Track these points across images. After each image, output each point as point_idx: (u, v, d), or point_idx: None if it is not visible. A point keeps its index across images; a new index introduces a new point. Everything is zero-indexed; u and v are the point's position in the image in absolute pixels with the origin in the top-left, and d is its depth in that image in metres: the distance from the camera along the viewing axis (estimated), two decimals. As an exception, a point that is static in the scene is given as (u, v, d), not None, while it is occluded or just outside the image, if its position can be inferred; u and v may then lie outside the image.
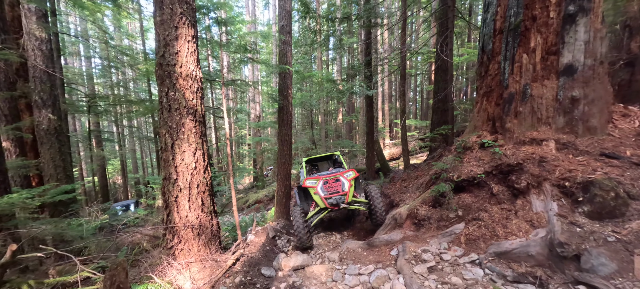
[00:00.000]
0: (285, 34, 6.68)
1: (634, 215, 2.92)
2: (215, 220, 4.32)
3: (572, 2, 3.75)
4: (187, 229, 3.86)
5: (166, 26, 3.89)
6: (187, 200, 3.92)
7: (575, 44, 3.78)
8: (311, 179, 5.16)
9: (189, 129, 4.01)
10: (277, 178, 7.11)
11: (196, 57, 4.22)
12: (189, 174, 3.95)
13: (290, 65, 6.84)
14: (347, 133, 24.50)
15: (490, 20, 4.58)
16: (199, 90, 4.23)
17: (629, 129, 3.89)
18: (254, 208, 11.14)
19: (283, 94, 6.88)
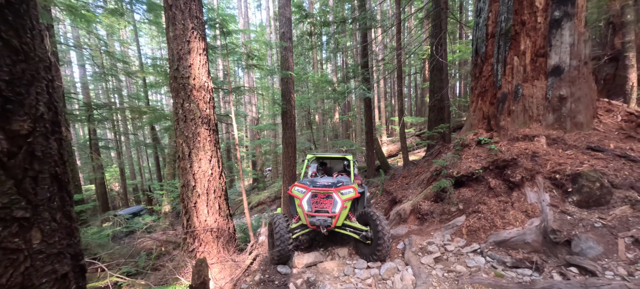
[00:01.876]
0: (286, 40, 6.90)
1: (617, 202, 3.25)
2: (231, 223, 4.55)
3: (558, 7, 4.07)
4: (206, 233, 4.08)
5: (179, 41, 4.09)
6: (206, 205, 4.13)
7: (561, 46, 4.10)
8: (300, 187, 4.20)
9: (204, 138, 4.22)
10: (283, 180, 7.35)
11: (207, 69, 4.42)
12: (206, 181, 4.16)
13: (291, 71, 7.07)
14: (344, 132, 24.80)
15: (483, 24, 4.88)
16: (211, 100, 4.44)
17: (612, 123, 4.23)
18: (259, 210, 11.35)
19: (286, 98, 7.10)
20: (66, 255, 0.67)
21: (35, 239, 0.59)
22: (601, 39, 7.09)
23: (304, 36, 12.64)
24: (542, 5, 4.15)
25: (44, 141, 0.64)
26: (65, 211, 0.70)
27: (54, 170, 0.67)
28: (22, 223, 0.57)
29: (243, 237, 5.85)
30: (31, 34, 0.64)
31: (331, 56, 23.03)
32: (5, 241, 0.55)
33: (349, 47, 18.31)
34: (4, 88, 0.56)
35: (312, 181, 4.40)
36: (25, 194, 0.58)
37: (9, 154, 0.57)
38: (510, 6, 4.38)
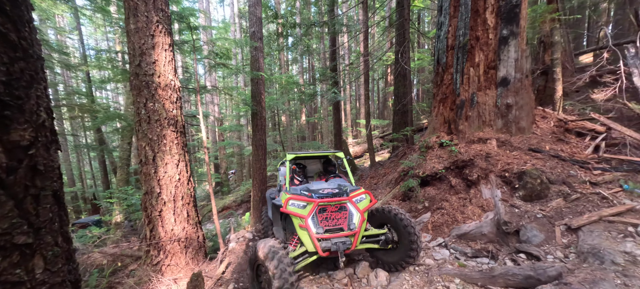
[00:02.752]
0: (256, 40, 6.73)
1: (554, 196, 3.81)
2: (201, 231, 4.28)
3: (505, 27, 4.65)
4: (173, 243, 3.78)
5: (142, 34, 3.74)
6: (172, 213, 3.83)
7: (508, 60, 4.69)
8: (298, 200, 3.12)
9: (171, 141, 3.91)
10: (253, 183, 7.13)
11: (174, 66, 4.11)
12: (173, 187, 3.86)
13: (262, 71, 6.92)
14: (310, 133, 24.94)
15: (444, 37, 5.34)
16: (179, 100, 4.14)
17: (547, 128, 4.96)
18: (224, 215, 10.83)
19: (256, 99, 6.92)
20: (67, 284, 0.57)
21: (38, 269, 0.49)
22: (534, 55, 8.26)
23: (271, 37, 12.45)
24: (493, 24, 4.71)
25: (46, 152, 0.54)
26: (64, 233, 0.60)
27: (54, 186, 0.57)
28: (23, 251, 0.48)
29: (212, 245, 5.54)
30: (28, 27, 0.54)
31: (298, 58, 23.03)
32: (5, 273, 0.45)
33: (316, 49, 18.51)
34: (2, 91, 0.46)
35: (309, 189, 3.34)
36: (27, 216, 0.48)
37: (8, 169, 0.47)
38: (467, 22, 4.88)
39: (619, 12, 11.59)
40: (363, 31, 9.13)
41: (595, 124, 4.92)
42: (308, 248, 3.02)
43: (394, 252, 3.38)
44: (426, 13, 18.84)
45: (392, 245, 3.36)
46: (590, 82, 7.04)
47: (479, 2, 4.75)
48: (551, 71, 6.48)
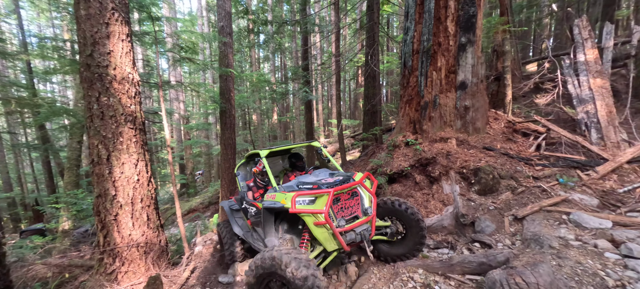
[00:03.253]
0: (225, 35, 6.50)
1: (503, 189, 4.22)
2: (162, 235, 4.03)
3: (464, 35, 5.03)
4: (131, 249, 3.51)
5: (94, 22, 3.42)
6: (130, 217, 3.56)
7: (466, 66, 5.08)
8: (306, 195, 2.74)
9: (129, 138, 3.63)
10: (221, 184, 6.89)
11: (132, 58, 3.82)
12: (130, 188, 3.58)
13: (232, 68, 6.71)
14: (282, 133, 24.69)
15: (410, 41, 5.63)
16: (138, 95, 3.86)
17: (498, 128, 5.46)
18: (191, 217, 10.30)
19: (225, 96, 6.69)
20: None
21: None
22: (489, 63, 9.04)
23: (242, 33, 12.10)
24: (453, 31, 5.07)
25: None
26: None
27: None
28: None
29: (176, 249, 5.24)
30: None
31: (269, 56, 22.66)
32: None
33: (288, 48, 18.36)
34: None
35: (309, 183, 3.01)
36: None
37: None
38: (430, 29, 5.19)
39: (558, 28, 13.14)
40: (335, 32, 9.26)
41: (537, 125, 5.53)
42: (327, 246, 2.74)
43: (399, 244, 3.33)
44: (395, 18, 19.66)
45: (399, 236, 3.33)
46: (534, 88, 7.89)
47: (441, 10, 5.08)
48: (503, 77, 7.14)
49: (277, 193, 2.96)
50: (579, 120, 5.17)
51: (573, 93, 5.46)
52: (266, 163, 3.37)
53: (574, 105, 5.41)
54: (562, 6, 12.75)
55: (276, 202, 2.91)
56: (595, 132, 4.88)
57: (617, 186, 3.92)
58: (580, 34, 5.70)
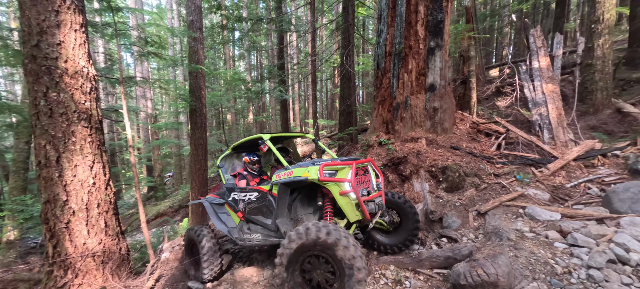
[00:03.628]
0: (195, 30, 6.21)
1: (468, 186, 4.46)
2: (123, 243, 3.75)
3: (432, 39, 5.26)
4: (86, 259, 3.21)
5: (41, 9, 3.08)
6: (85, 224, 3.26)
7: (435, 69, 5.31)
8: (332, 166, 2.78)
9: (82, 138, 3.32)
10: (191, 186, 6.58)
11: (87, 50, 3.51)
12: (85, 193, 3.28)
13: (202, 64, 6.43)
14: (258, 133, 24.13)
15: (382, 44, 5.77)
16: (94, 90, 3.55)
17: (464, 129, 5.77)
18: (159, 222, 9.74)
19: (195, 95, 6.40)
20: None
21: None
22: (456, 67, 9.56)
23: (215, 28, 11.66)
24: (423, 36, 5.28)
25: None
26: None
27: None
28: None
29: (140, 257, 4.90)
30: None
31: (245, 54, 22.11)
32: None
33: (264, 47, 18.05)
34: None
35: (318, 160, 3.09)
36: None
37: None
38: (402, 32, 5.36)
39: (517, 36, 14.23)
40: (310, 32, 9.26)
41: (498, 126, 5.94)
42: (351, 217, 2.77)
43: (394, 234, 3.51)
44: (370, 20, 20.12)
45: (394, 225, 3.50)
46: (496, 91, 8.47)
47: (412, 15, 5.26)
48: (468, 81, 7.57)
49: (295, 168, 2.91)
50: (534, 121, 5.63)
51: (529, 97, 5.93)
52: (272, 145, 3.30)
53: (529, 108, 5.88)
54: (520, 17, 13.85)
55: (297, 177, 2.84)
56: (547, 132, 5.34)
57: (565, 182, 4.32)
58: (535, 43, 6.21)
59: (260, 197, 3.31)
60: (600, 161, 4.57)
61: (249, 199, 3.41)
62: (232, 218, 3.67)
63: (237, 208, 3.52)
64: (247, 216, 3.46)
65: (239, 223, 3.53)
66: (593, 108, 6.00)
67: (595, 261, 2.55)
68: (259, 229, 3.33)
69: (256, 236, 3.31)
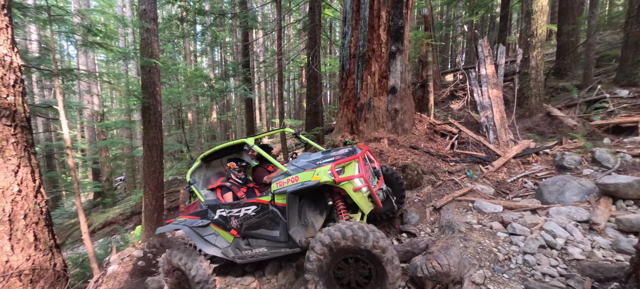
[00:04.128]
0: (148, 20, 5.72)
1: (426, 183, 4.75)
2: (58, 257, 3.29)
3: (394, 43, 5.50)
4: (10, 280, 2.75)
5: (-55, -17, 2.57)
6: (8, 238, 2.79)
7: (396, 72, 5.57)
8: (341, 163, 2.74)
9: (4, 138, 2.84)
10: (145, 190, 6.04)
11: (10, 36, 3.02)
12: (7, 202, 2.81)
13: (157, 58, 5.94)
14: (223, 133, 23.20)
15: (347, 46, 5.89)
16: (19, 83, 3.07)
17: (422, 129, 6.14)
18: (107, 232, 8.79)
19: (149, 91, 5.89)
20: None
21: None
22: (416, 71, 10.15)
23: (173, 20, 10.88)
24: (385, 40, 5.50)
25: None
26: None
27: None
28: None
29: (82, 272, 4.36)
30: None
31: (208, 49, 21.02)
32: None
33: (229, 43, 17.33)
34: None
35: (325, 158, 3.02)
36: None
37: None
38: (365, 35, 5.53)
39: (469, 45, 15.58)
40: (277, 30, 9.11)
41: (452, 127, 6.43)
42: (365, 210, 2.76)
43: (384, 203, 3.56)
44: (337, 22, 20.47)
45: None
46: (450, 95, 9.17)
47: (374, 19, 5.45)
48: (426, 85, 8.08)
49: (300, 173, 2.72)
50: (482, 123, 6.20)
51: (477, 100, 6.52)
52: (261, 150, 3.05)
53: (478, 110, 6.46)
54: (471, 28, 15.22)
55: (306, 182, 2.66)
56: (492, 133, 5.92)
57: (506, 177, 4.82)
58: (483, 52, 6.85)
59: (260, 210, 2.99)
60: (534, 159, 5.19)
61: (246, 215, 3.04)
62: (222, 237, 3.28)
63: (229, 226, 3.16)
64: (245, 233, 3.15)
65: (233, 241, 3.23)
66: (528, 112, 6.80)
67: (529, 247, 2.87)
68: (263, 243, 3.07)
69: (260, 250, 3.05)
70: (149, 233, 5.95)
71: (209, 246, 3.20)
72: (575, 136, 5.34)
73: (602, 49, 9.44)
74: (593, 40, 7.74)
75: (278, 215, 2.89)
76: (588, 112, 6.13)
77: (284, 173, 2.84)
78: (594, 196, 3.59)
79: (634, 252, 1.98)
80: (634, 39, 5.89)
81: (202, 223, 3.27)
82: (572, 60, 8.91)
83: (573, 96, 6.94)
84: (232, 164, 3.46)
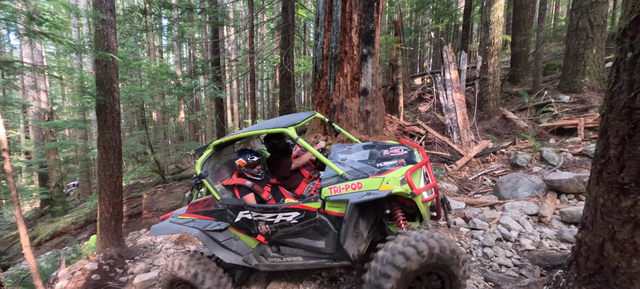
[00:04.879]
0: (104, 11, 5.24)
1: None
2: (-10, 275, 2.87)
3: (365, 46, 5.62)
4: None
5: None
6: None
7: (367, 75, 5.69)
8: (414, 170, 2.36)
9: None
10: (100, 196, 5.53)
11: None
12: None
13: (115, 52, 5.47)
14: (192, 133, 22.11)
15: (320, 47, 5.91)
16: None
17: (392, 130, 6.35)
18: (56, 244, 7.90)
19: (105, 88, 5.39)
20: None
21: None
22: (386, 74, 10.49)
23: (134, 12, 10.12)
24: (357, 43, 5.60)
25: None
26: None
27: None
28: None
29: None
30: None
31: (174, 45, 19.91)
32: None
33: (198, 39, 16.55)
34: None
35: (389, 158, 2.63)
36: None
37: None
38: (338, 37, 5.58)
39: (435, 51, 16.46)
40: (249, 28, 8.87)
41: (420, 128, 6.73)
42: (427, 220, 2.48)
43: None
44: (311, 23, 20.52)
45: None
46: (418, 97, 9.61)
47: (347, 21, 5.53)
48: (397, 87, 8.38)
49: (364, 179, 2.31)
50: (446, 124, 6.57)
51: (443, 103, 6.90)
52: (305, 143, 2.56)
53: (443, 113, 6.83)
54: (437, 35, 16.10)
55: (373, 191, 2.24)
56: (456, 134, 6.29)
57: (468, 175, 5.15)
58: (448, 58, 7.26)
59: (305, 217, 2.52)
60: (492, 158, 5.61)
61: (284, 222, 2.56)
62: (243, 242, 2.81)
63: (255, 231, 2.71)
64: (277, 240, 2.72)
65: (257, 247, 2.79)
66: (487, 114, 7.34)
67: (487, 240, 3.08)
68: (299, 252, 2.67)
69: (293, 260, 2.66)
70: (105, 243, 5.45)
71: (227, 252, 2.71)
72: (526, 137, 5.86)
73: (548, 59, 10.51)
74: (541, 51, 8.57)
75: (327, 225, 2.46)
76: (537, 115, 6.77)
77: (337, 176, 2.41)
78: (542, 191, 3.95)
79: (575, 241, 2.20)
80: (573, 51, 6.62)
81: (219, 226, 2.74)
82: (523, 68, 9.80)
83: (524, 100, 7.62)
84: (242, 162, 2.89)
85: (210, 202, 2.75)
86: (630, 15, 1.44)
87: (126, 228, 9.72)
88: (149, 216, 10.36)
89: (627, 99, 1.53)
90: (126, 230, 9.69)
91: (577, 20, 6.43)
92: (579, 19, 6.38)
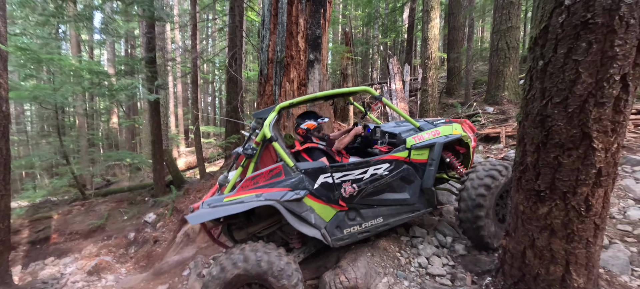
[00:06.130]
0: (-14, -13, 4.16)
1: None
2: None
3: (312, 52, 5.48)
4: None
5: None
6: None
7: (314, 81, 5.55)
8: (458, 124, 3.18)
9: None
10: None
11: None
12: None
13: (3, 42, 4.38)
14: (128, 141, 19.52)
15: (265, 50, 5.59)
16: None
17: (341, 138, 6.30)
18: None
19: (-16, 83, 4.24)
20: None
21: None
22: (337, 83, 10.63)
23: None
24: (303, 47, 5.43)
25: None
26: None
27: None
28: None
29: None
30: None
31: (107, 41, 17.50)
32: None
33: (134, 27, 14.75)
34: None
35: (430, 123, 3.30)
36: None
37: None
38: (284, 41, 5.34)
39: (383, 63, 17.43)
40: (191, 25, 8.12)
41: (368, 136, 6.83)
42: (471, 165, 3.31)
43: None
44: (264, 29, 20.01)
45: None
46: (367, 106, 9.91)
47: (293, 25, 5.33)
48: (346, 95, 8.49)
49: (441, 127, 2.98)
50: (392, 133, 6.79)
51: (389, 112, 7.13)
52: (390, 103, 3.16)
53: (389, 121, 7.06)
54: (385, 48, 17.12)
55: (450, 135, 2.94)
56: (400, 142, 6.52)
57: (411, 182, 5.31)
58: (393, 70, 7.59)
59: (395, 167, 2.70)
60: (432, 164, 5.92)
61: (374, 176, 2.62)
62: (319, 214, 2.52)
63: (336, 196, 2.53)
64: (361, 201, 2.66)
65: (334, 216, 2.58)
66: (428, 123, 7.88)
67: (426, 252, 3.07)
68: (382, 211, 2.75)
69: (375, 222, 2.72)
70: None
71: (307, 226, 2.43)
72: (460, 145, 6.35)
73: (477, 75, 11.87)
74: (470, 68, 9.60)
75: (413, 173, 2.79)
76: (469, 124, 7.46)
77: (415, 128, 2.95)
78: (473, 196, 4.20)
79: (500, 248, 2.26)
80: (495, 68, 7.50)
81: (296, 194, 2.37)
82: (457, 82, 10.86)
83: (458, 111, 8.36)
84: (312, 125, 3.00)
85: (279, 172, 2.42)
86: (540, 24, 1.49)
87: (26, 258, 7.96)
88: (59, 241, 8.62)
89: (540, 107, 1.58)
90: (26, 260, 7.93)
91: (497, 42, 7.31)
92: (498, 41, 7.27)
